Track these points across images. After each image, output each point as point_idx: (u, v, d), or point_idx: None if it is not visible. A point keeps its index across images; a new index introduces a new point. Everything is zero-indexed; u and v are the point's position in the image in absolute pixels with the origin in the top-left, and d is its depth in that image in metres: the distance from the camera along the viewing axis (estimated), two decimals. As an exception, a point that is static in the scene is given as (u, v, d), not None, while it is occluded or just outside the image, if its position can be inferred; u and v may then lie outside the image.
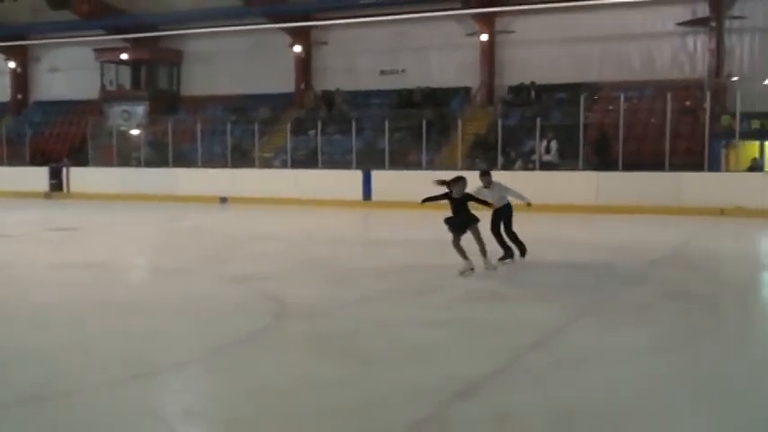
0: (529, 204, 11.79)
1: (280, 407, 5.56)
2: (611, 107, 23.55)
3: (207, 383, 6.31)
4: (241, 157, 26.74)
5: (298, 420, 5.30)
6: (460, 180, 10.89)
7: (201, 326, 8.06)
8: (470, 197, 10.97)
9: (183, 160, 27.33)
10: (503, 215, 11.86)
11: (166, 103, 33.21)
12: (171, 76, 34.39)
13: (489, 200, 11.41)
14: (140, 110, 32.94)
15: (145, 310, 8.77)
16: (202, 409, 5.67)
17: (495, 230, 11.82)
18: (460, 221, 10.83)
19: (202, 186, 25.42)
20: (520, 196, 11.76)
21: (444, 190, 11.01)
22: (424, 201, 11.50)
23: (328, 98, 29.95)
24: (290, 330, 7.90)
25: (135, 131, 30.93)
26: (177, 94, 34.17)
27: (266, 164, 26.69)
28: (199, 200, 24.79)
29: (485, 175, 11.89)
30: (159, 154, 28.24)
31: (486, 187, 11.79)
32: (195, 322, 8.22)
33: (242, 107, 30.59)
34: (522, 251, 11.91)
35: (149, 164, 28.10)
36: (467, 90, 28.60)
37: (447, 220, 11.00)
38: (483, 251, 10.83)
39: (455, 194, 10.88)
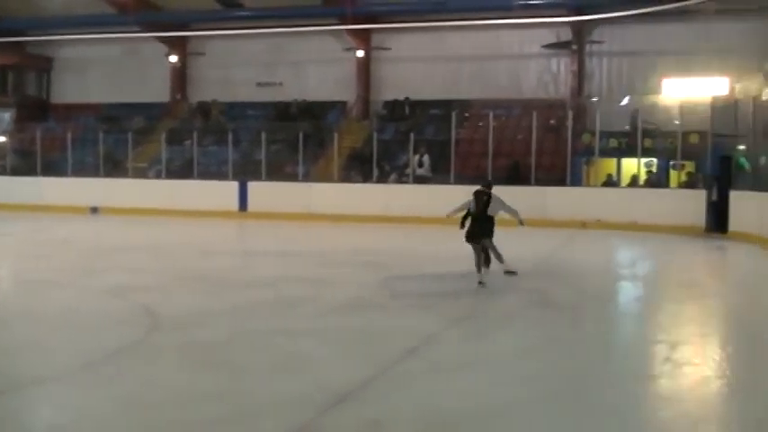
0: (521, 223, 11.47)
1: (151, 421, 5.41)
2: (480, 124, 24.15)
3: (74, 398, 6.04)
4: (114, 168, 25.92)
5: (169, 433, 5.18)
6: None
7: (70, 339, 7.75)
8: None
9: (53, 169, 26.23)
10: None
11: (35, 110, 31.78)
12: (40, 82, 32.95)
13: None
14: (6, 116, 31.37)
15: (9, 324, 8.37)
16: (68, 424, 5.44)
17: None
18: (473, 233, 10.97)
19: (72, 196, 24.48)
20: (514, 213, 11.51)
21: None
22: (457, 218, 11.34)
23: (204, 109, 29.44)
24: (163, 343, 7.69)
25: (0, 139, 29.46)
26: (47, 102, 32.77)
27: (140, 174, 25.95)
28: (68, 210, 23.86)
29: (487, 187, 11.64)
30: (26, 162, 27.00)
31: None
32: (63, 335, 7.90)
33: (115, 116, 29.64)
34: (488, 262, 11.48)
35: (16, 172, 26.83)
36: (343, 104, 28.75)
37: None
38: (498, 258, 10.96)
39: (471, 210, 11.09)
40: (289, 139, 24.93)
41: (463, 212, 11.29)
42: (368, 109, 28.39)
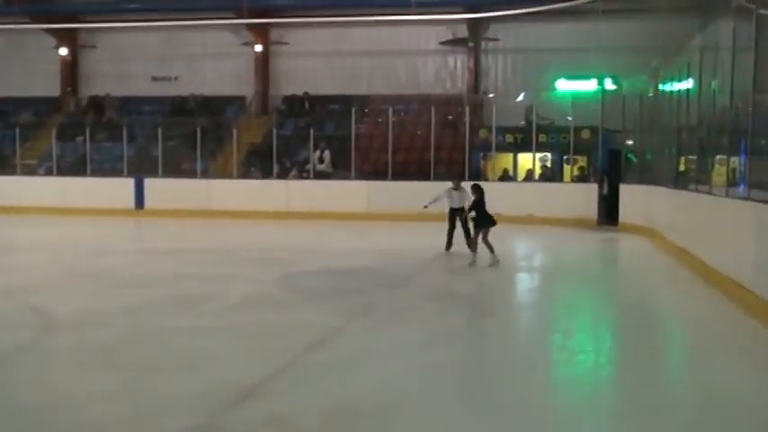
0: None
1: (42, 425, 5.21)
2: (380, 119, 24.32)
3: (-39, 404, 5.78)
4: (1, 164, 24.86)
5: (64, 436, 5.02)
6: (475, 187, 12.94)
7: (-45, 343, 7.40)
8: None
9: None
10: (460, 214, 14.08)
11: None
12: None
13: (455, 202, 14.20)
14: None
15: None
16: (-45, 431, 5.20)
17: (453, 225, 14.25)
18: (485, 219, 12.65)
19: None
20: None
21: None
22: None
23: (97, 104, 28.56)
24: (55, 344, 7.43)
25: None
26: (-76, 96, 31.13)
27: (29, 171, 24.99)
28: (-48, 209, 22.76)
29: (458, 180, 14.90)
30: None
31: (455, 189, 14.36)
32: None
33: (1, 111, 28.42)
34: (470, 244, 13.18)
35: None
36: (241, 99, 28.40)
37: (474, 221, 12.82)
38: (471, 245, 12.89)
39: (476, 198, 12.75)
40: (186, 134, 24.44)
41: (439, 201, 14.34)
42: (267, 104, 28.16)
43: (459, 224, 14.28)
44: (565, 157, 21.99)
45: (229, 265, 12.88)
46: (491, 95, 25.66)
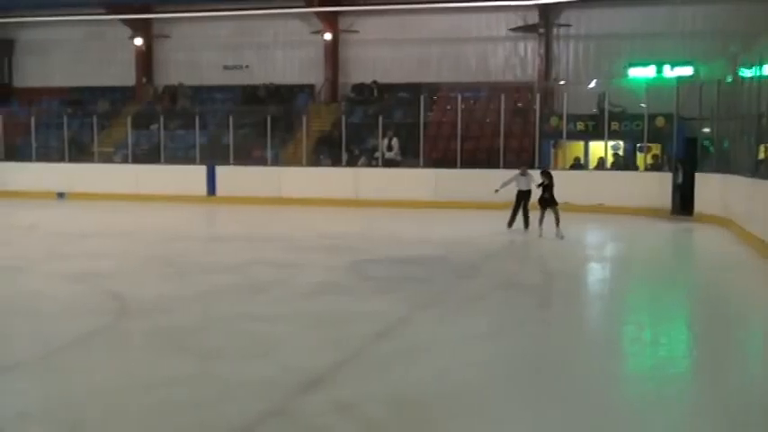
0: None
1: (121, 406, 5.35)
2: (449, 107, 24.18)
3: (43, 385, 5.95)
4: (79, 152, 25.57)
5: (140, 419, 5.12)
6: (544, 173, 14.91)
7: (36, 325, 7.64)
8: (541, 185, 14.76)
9: (17, 155, 25.82)
10: (526, 197, 15.85)
11: (-3, 94, 31.24)
12: (2, 66, 32.26)
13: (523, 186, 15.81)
14: (-32, 102, 30.81)
15: (-28, 311, 8.24)
16: (39, 411, 5.35)
17: (518, 206, 15.81)
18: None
19: (38, 182, 24.15)
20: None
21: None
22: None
23: (171, 92, 29.12)
24: (130, 328, 7.62)
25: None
26: (9, 86, 32.16)
27: (107, 159, 25.65)
28: (34, 195, 23.51)
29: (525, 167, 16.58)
30: (-11, 148, 26.57)
31: (523, 174, 15.97)
32: (29, 322, 7.79)
33: (79, 100, 29.20)
34: (527, 225, 15.50)
35: (-22, 159, 26.40)
36: (311, 87, 28.57)
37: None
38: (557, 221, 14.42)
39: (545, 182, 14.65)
40: (257, 122, 24.73)
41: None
42: (336, 92, 28.23)
43: (523, 208, 15.71)
44: (638, 145, 21.52)
45: (299, 252, 12.98)
46: (562, 82, 25.23)
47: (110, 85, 29.85)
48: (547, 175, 14.72)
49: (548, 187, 14.58)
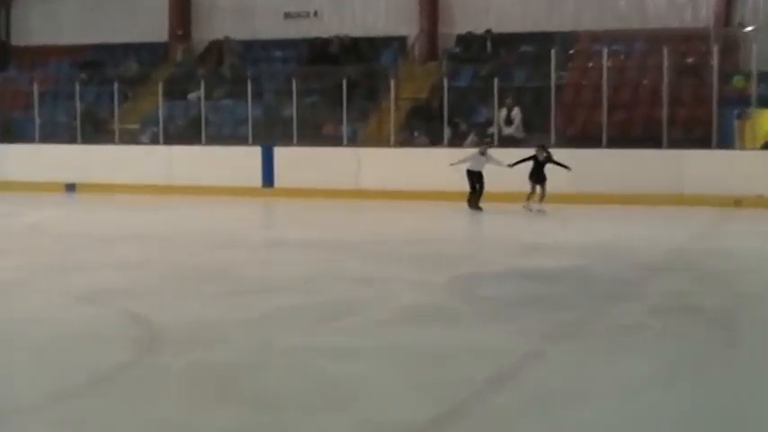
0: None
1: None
2: (590, 64, 23.96)
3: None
4: (95, 130, 26.24)
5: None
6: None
7: (38, 361, 7.78)
8: (550, 159, 19.22)
9: (15, 133, 26.66)
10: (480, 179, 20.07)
11: (-10, 55, 32.41)
12: (-4, 20, 33.53)
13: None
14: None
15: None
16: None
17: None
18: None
19: (42, 170, 24.82)
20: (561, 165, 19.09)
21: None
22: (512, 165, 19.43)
23: (215, 50, 29.60)
24: (160, 366, 7.69)
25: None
26: (6, 44, 33.27)
27: (131, 139, 26.24)
28: (37, 188, 24.20)
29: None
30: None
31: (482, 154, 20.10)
32: (30, 356, 7.94)
33: (96, 61, 30.00)
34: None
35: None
36: (402, 41, 28.64)
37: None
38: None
39: (539, 158, 19.15)
40: (329, 88, 24.93)
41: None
42: (435, 47, 28.23)
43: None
44: None
45: (384, 263, 13.01)
46: (750, 29, 24.60)
47: (135, 42, 30.59)
48: (543, 148, 19.43)
49: (543, 164, 19.02)
